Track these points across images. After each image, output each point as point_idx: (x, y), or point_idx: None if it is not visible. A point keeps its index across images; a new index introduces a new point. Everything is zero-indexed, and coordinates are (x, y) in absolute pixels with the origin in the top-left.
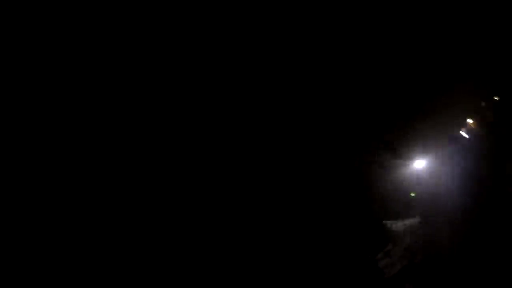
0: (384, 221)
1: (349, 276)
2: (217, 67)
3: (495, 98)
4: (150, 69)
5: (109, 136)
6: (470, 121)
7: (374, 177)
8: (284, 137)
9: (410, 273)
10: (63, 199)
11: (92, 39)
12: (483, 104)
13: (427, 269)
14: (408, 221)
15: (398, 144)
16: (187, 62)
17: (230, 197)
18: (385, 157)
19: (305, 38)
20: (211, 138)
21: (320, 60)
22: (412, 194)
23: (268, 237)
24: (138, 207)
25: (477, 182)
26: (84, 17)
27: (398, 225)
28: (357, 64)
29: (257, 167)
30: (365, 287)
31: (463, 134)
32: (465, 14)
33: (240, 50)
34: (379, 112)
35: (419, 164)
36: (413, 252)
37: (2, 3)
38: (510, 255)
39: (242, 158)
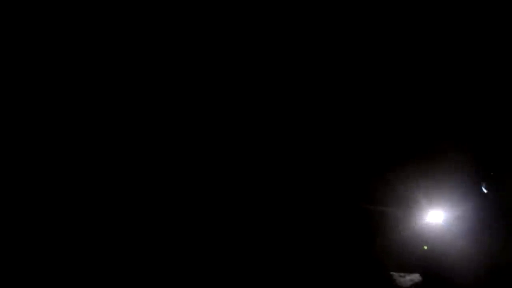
0: (391, 273)
1: None
2: (216, 67)
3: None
4: (150, 69)
5: (109, 135)
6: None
7: (386, 228)
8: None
9: None
10: (63, 199)
11: (92, 38)
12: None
13: None
14: (415, 277)
15: (412, 195)
16: (187, 62)
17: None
18: (398, 208)
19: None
20: (207, 141)
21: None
22: (425, 247)
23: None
24: (138, 207)
25: (497, 243)
26: (84, 17)
27: (405, 280)
28: (360, 96)
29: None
30: None
31: (483, 189)
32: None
33: (234, 51)
34: (392, 161)
35: (435, 216)
36: None
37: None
38: None
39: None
